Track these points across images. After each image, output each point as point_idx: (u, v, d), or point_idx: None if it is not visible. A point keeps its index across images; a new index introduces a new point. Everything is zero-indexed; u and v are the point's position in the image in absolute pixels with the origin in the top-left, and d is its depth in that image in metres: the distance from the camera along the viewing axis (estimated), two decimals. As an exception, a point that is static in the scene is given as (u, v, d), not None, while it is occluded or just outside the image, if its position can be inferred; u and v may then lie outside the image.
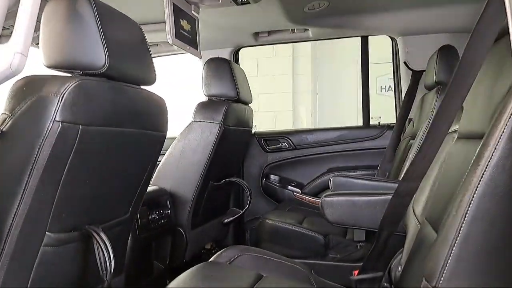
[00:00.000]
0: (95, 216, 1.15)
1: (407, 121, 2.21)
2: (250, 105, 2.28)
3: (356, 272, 1.14)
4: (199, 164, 1.92)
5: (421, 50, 2.19)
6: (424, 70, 2.18)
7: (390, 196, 1.25)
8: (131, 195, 1.33)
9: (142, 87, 1.22)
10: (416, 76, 2.19)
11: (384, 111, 2.81)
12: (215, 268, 1.20)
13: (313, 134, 2.51)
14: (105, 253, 1.05)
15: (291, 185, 2.49)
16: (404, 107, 2.13)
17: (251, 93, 2.26)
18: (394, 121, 2.48)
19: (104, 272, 1.08)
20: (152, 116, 1.27)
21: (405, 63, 2.25)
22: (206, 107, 1.97)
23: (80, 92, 0.96)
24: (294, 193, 2.46)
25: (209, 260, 1.27)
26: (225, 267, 1.22)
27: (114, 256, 1.13)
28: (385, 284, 1.15)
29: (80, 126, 0.96)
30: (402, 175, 1.00)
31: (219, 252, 1.31)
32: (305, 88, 5.57)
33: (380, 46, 2.67)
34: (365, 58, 2.42)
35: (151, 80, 1.25)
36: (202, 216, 2.05)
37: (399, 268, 1.13)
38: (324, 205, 1.29)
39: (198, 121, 1.94)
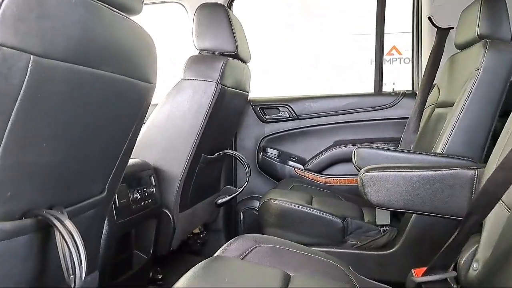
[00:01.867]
0: (57, 195, 0.82)
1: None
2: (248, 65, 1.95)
3: (418, 271, 0.87)
4: (190, 132, 1.60)
5: (449, 2, 1.92)
6: (452, 27, 1.91)
7: (452, 170, 0.98)
8: (108, 167, 1.01)
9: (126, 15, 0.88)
10: (443, 34, 1.91)
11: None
12: (227, 266, 0.90)
13: (318, 101, 2.21)
14: (73, 249, 0.73)
15: (292, 160, 2.20)
16: (429, 70, 1.86)
17: (249, 50, 1.93)
18: (409, 88, 2.23)
19: (72, 275, 0.77)
20: (139, 58, 0.94)
21: (429, 18, 1.96)
22: (199, 62, 1.63)
23: (30, 1, 0.62)
24: (296, 169, 2.18)
25: (216, 254, 0.97)
26: (240, 265, 0.92)
27: (86, 250, 0.82)
28: (454, 286, 0.89)
29: (32, 57, 0.63)
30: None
31: (228, 243, 1.02)
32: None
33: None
34: (381, 14, 2.12)
35: (136, 8, 0.92)
36: (192, 196, 1.74)
37: (475, 266, 0.87)
38: (365, 182, 1.00)
39: (189, 79, 1.60)
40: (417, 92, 2.16)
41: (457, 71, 1.68)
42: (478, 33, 1.49)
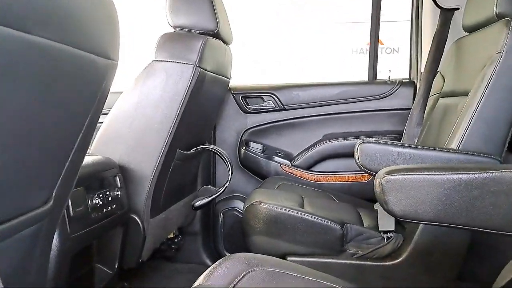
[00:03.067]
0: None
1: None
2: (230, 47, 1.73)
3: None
4: (163, 124, 1.36)
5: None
6: (457, 8, 1.74)
7: (496, 173, 0.79)
8: (55, 169, 0.78)
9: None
10: (447, 15, 1.74)
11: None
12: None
13: (307, 90, 2.01)
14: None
15: (278, 156, 2.00)
16: (433, 56, 1.69)
17: (231, 30, 1.71)
18: (407, 77, 2.06)
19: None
20: (94, 27, 0.71)
21: (432, -2, 1.79)
22: (174, 41, 1.40)
23: None
24: (282, 165, 1.97)
25: (199, 283, 0.76)
26: (230, 298, 0.71)
27: (28, 277, 0.59)
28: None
29: None
30: None
31: (213, 266, 0.80)
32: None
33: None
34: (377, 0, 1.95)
35: None
36: (165, 198, 1.51)
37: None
38: (386, 188, 0.80)
39: (162, 61, 1.37)
40: (414, 81, 2.00)
41: (467, 56, 1.51)
42: (497, 12, 1.32)
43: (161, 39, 1.41)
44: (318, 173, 1.96)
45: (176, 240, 1.93)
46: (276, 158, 1.98)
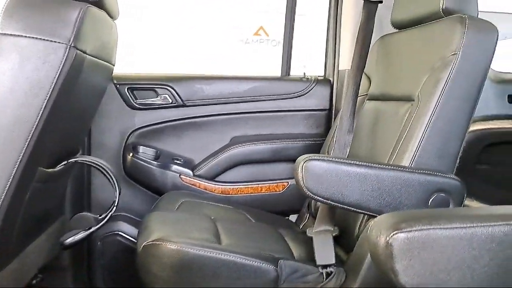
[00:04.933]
0: None
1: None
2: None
3: None
4: (17, 130, 0.91)
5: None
6: (380, 1, 1.59)
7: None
8: None
9: None
10: (371, 8, 1.58)
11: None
12: None
13: (212, 84, 1.68)
14: None
15: (176, 164, 1.63)
16: (359, 52, 1.50)
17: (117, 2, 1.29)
18: (322, 74, 1.88)
19: None
20: None
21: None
22: (34, 6, 0.94)
23: None
24: (182, 176, 1.62)
25: None
26: None
27: None
28: None
29: None
30: None
31: None
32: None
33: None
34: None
35: None
36: (19, 237, 1.05)
37: None
38: (397, 252, 0.54)
39: (12, 35, 0.90)
40: (330, 79, 1.82)
41: (401, 56, 1.36)
42: (443, 7, 1.17)
43: (9, 3, 0.93)
44: (225, 184, 1.66)
45: (34, 282, 1.45)
46: (174, 167, 1.62)
